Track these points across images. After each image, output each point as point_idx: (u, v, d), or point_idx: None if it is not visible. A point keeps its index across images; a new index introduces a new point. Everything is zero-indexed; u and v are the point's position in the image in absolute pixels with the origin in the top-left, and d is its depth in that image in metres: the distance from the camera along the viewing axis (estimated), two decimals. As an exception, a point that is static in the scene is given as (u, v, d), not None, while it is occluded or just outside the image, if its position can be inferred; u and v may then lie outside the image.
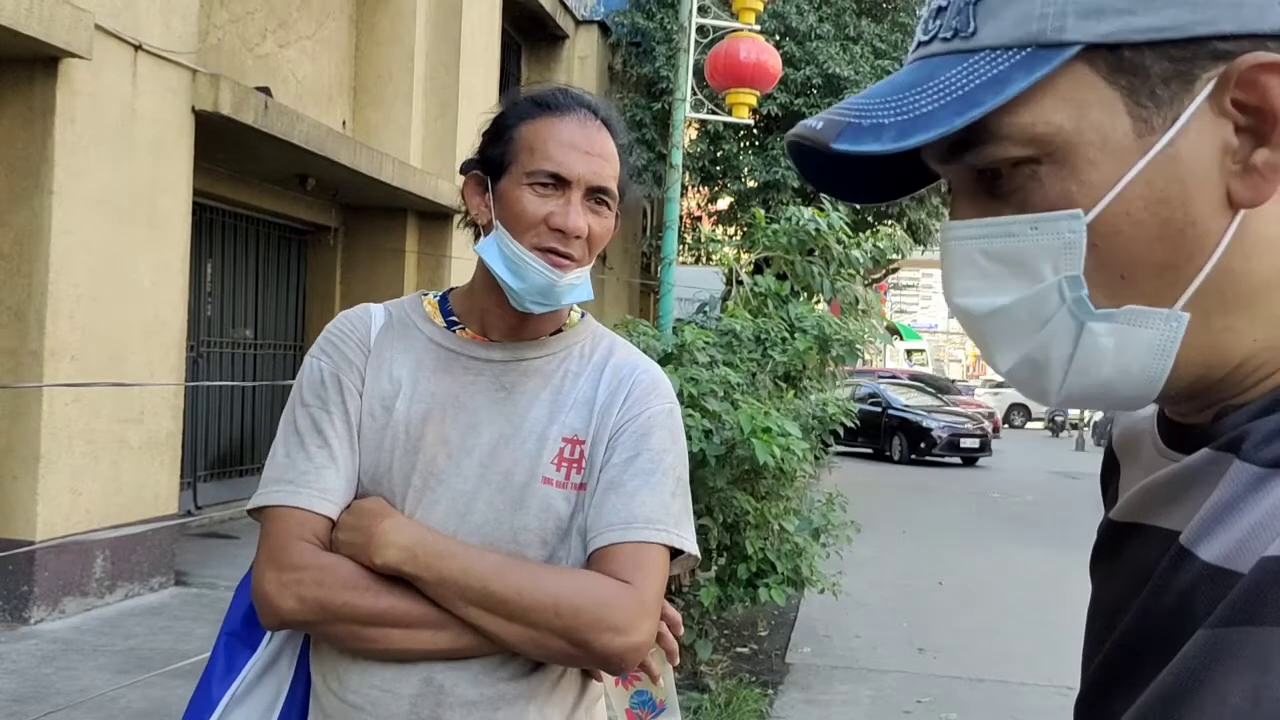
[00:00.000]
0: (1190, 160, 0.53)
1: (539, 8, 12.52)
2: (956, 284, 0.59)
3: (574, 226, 1.26)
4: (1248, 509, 0.50)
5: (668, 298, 7.14)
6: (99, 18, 5.38)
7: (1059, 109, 0.54)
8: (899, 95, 0.56)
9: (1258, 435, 0.52)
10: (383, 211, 9.41)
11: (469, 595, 1.17)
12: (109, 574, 5.80)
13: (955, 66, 0.56)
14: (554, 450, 1.27)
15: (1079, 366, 0.56)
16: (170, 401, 6.24)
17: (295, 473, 1.25)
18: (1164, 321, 0.54)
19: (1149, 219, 0.53)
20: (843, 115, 0.57)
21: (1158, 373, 0.55)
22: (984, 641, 6.10)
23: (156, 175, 6.01)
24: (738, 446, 4.44)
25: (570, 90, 1.36)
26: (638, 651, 1.20)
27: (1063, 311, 0.56)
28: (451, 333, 1.34)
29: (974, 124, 0.54)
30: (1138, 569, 0.57)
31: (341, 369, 1.30)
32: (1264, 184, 0.52)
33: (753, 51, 7.96)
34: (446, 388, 1.30)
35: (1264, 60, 0.51)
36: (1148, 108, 0.53)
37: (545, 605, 1.16)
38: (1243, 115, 0.52)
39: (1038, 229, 0.55)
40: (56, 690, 4.42)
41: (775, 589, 4.77)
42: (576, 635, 1.16)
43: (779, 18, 13.34)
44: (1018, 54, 0.54)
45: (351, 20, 9.35)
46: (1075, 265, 0.55)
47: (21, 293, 5.32)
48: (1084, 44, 0.53)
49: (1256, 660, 0.45)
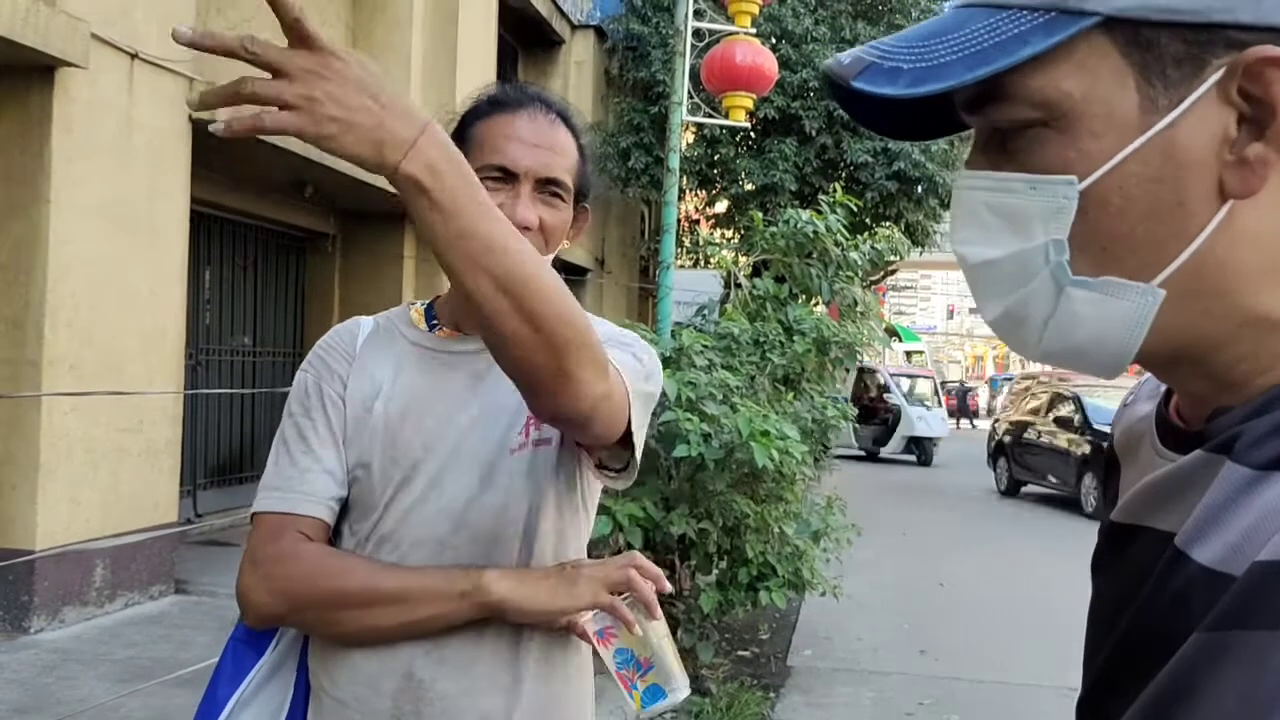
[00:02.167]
0: (1188, 144, 0.54)
1: (535, 13, 12.52)
2: (959, 231, 0.62)
3: (521, 218, 1.25)
4: (1240, 511, 0.50)
5: (666, 301, 7.13)
6: (95, 26, 5.38)
7: (1071, 76, 0.55)
8: (925, 41, 0.58)
9: (1249, 437, 0.52)
10: (381, 218, 9.41)
11: (488, 254, 0.96)
12: (109, 583, 5.79)
13: (984, 20, 0.57)
14: (521, 423, 1.29)
15: (1055, 327, 0.58)
16: (169, 410, 6.24)
17: (282, 479, 1.29)
18: (1139, 295, 0.55)
19: (1140, 195, 0.54)
20: (869, 54, 0.59)
21: (1130, 344, 0.56)
22: (985, 643, 6.09)
23: (154, 183, 6.01)
24: (736, 450, 4.44)
25: (526, 86, 1.37)
26: (593, 406, 1.08)
27: (1045, 273, 0.57)
28: (431, 333, 1.37)
29: (989, 80, 0.55)
30: (1136, 570, 0.58)
31: (323, 378, 1.34)
32: (1254, 177, 0.53)
33: (749, 55, 7.96)
34: (424, 383, 1.32)
35: (1272, 54, 0.52)
36: (1156, 87, 0.54)
37: (562, 309, 1.01)
38: (1247, 105, 0.53)
39: (1035, 190, 0.57)
40: (57, 700, 4.41)
41: (776, 592, 4.77)
42: (566, 358, 1.02)
43: (775, 21, 13.34)
44: (1042, 16, 0.55)
45: (348, 27, 9.36)
46: (1063, 230, 0.56)
47: (19, 302, 5.31)
48: (1104, 15, 0.54)
49: (1249, 663, 0.46)
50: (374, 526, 1.29)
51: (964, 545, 9.57)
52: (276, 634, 1.35)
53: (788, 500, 5.03)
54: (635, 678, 1.31)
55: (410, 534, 1.27)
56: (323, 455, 1.29)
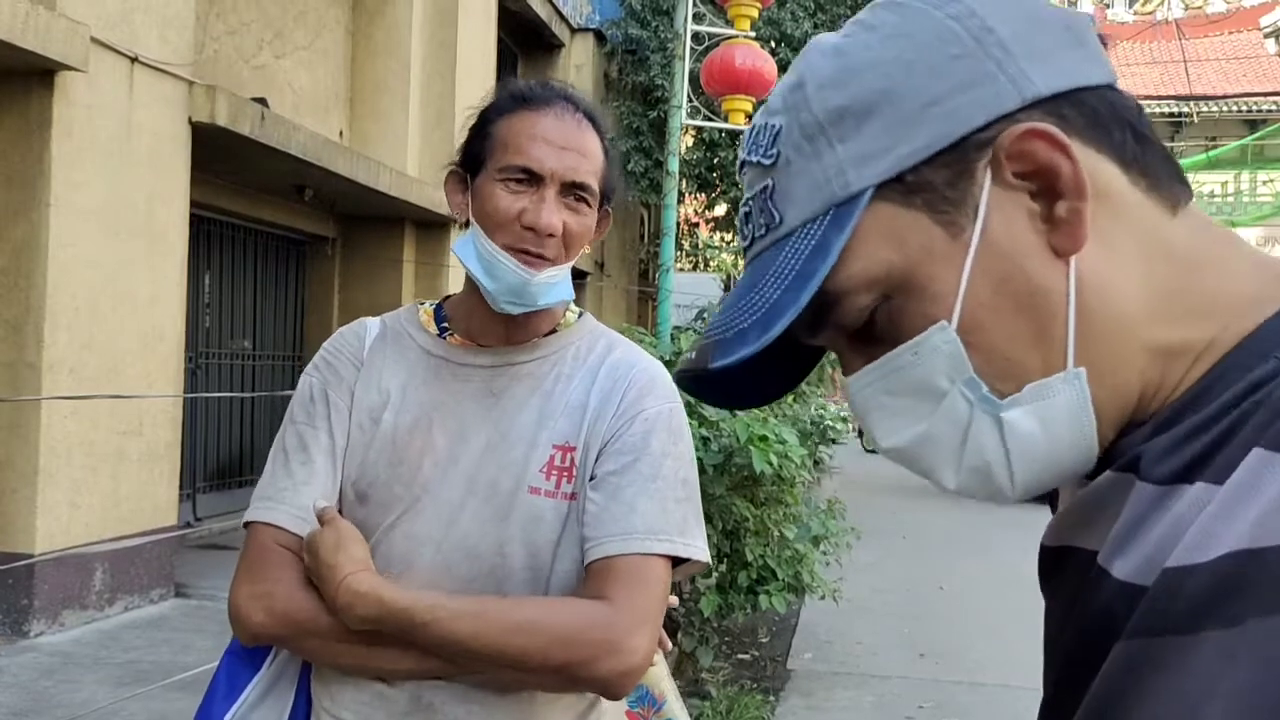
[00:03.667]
0: (1007, 238, 0.56)
1: (535, 17, 12.54)
2: (877, 430, 0.62)
3: (546, 224, 1.21)
4: (1152, 525, 0.52)
5: (665, 304, 7.14)
6: (95, 30, 5.39)
7: (881, 247, 0.57)
8: (747, 298, 0.60)
9: (1151, 455, 0.54)
10: (380, 221, 9.42)
11: (453, 655, 1.14)
12: (108, 586, 5.79)
13: (780, 253, 0.59)
14: (543, 458, 1.23)
15: (1017, 456, 0.58)
16: (169, 413, 6.24)
17: (275, 489, 1.25)
18: (1065, 383, 0.56)
19: (1001, 302, 0.56)
20: (710, 336, 0.61)
21: (1086, 432, 0.57)
22: (986, 646, 6.09)
23: (154, 187, 6.01)
24: (735, 454, 4.44)
25: (552, 83, 1.31)
26: (637, 672, 1.15)
27: (977, 413, 0.58)
28: (442, 339, 1.31)
29: (819, 292, 0.57)
30: (1071, 589, 0.59)
31: (330, 384, 1.29)
32: (1076, 230, 0.55)
33: (748, 58, 7.96)
34: (434, 396, 1.26)
35: (1018, 131, 0.55)
36: (949, 212, 0.57)
37: (535, 650, 1.12)
38: (1028, 182, 0.56)
39: (918, 353, 0.58)
40: (57, 703, 4.41)
41: (776, 596, 4.77)
42: (571, 671, 1.13)
43: (774, 24, 13.36)
44: (824, 220, 0.58)
45: (347, 31, 9.37)
46: (965, 369, 0.57)
47: (19, 306, 5.31)
48: (871, 186, 0.57)
49: (1171, 668, 0.47)
50: (375, 547, 1.22)
51: (964, 548, 9.57)
52: (273, 648, 1.29)
53: (787, 504, 5.02)
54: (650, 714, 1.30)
55: (421, 564, 1.21)
56: (320, 468, 1.25)
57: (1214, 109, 22.97)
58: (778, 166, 0.60)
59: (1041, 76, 0.57)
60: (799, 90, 0.60)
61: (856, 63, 0.59)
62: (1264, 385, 0.52)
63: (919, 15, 0.58)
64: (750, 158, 0.62)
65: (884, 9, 0.61)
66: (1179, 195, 0.59)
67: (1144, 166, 0.58)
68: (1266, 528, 0.46)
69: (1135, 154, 0.58)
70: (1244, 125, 22.95)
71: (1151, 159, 0.58)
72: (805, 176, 0.59)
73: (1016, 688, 5.31)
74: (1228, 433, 0.52)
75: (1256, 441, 0.49)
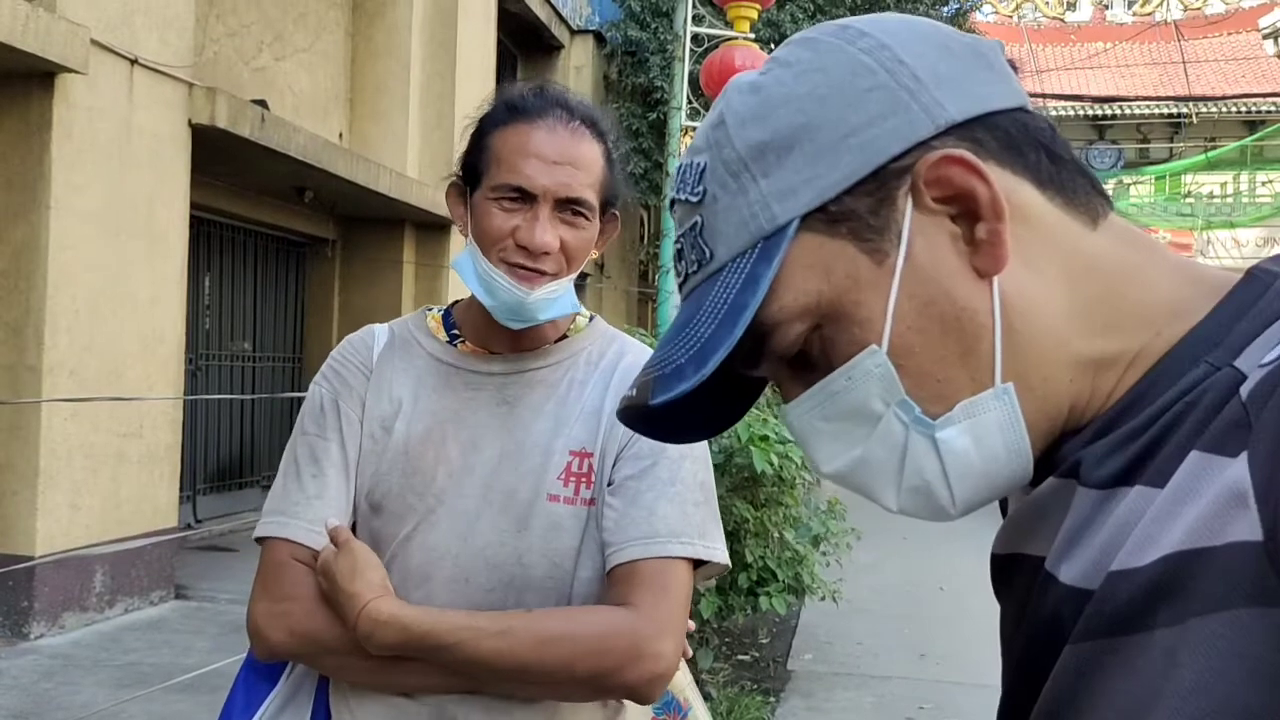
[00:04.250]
0: (930, 262, 0.58)
1: (534, 18, 12.55)
2: (817, 455, 0.63)
3: (539, 243, 1.20)
4: (1095, 530, 0.54)
5: (665, 305, 7.14)
6: (95, 32, 5.39)
7: (809, 277, 0.59)
8: (682, 334, 0.61)
9: (1090, 460, 0.55)
10: (380, 223, 9.41)
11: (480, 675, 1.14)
12: (109, 588, 5.79)
13: (713, 288, 0.60)
14: (560, 465, 1.22)
15: (955, 474, 0.59)
16: (169, 415, 6.24)
17: (288, 503, 1.23)
18: (995, 399, 0.57)
19: (928, 324, 0.58)
20: (648, 373, 0.62)
21: (1020, 445, 0.58)
22: (986, 647, 6.06)
23: (154, 189, 6.02)
24: (736, 455, 4.44)
25: (548, 90, 1.28)
26: (666, 676, 1.15)
27: (912, 434, 0.59)
28: (452, 347, 1.29)
29: (752, 324, 0.58)
30: (1021, 595, 0.60)
31: (341, 394, 1.27)
32: (996, 250, 0.57)
33: (747, 60, 7.97)
34: (447, 404, 1.25)
35: (934, 158, 0.57)
36: (873, 240, 0.58)
37: (563, 664, 1.12)
38: (948, 206, 0.57)
39: (851, 377, 0.59)
40: (57, 706, 4.41)
41: (776, 597, 4.77)
42: (599, 681, 1.13)
43: (773, 26, 13.36)
44: (752, 253, 0.59)
45: (347, 33, 9.37)
46: (897, 391, 0.58)
47: (19, 308, 5.32)
48: (796, 217, 0.58)
49: (1109, 669, 0.49)
50: (391, 559, 1.21)
51: (965, 549, 9.56)
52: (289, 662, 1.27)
53: (787, 505, 5.02)
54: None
55: (439, 575, 1.20)
56: (333, 481, 1.23)
57: (1213, 110, 22.97)
58: (705, 203, 0.61)
59: (954, 103, 0.58)
60: (720, 127, 0.61)
61: (774, 98, 0.60)
62: (1195, 388, 0.53)
63: (832, 50, 0.60)
64: (679, 195, 0.63)
65: (799, 46, 0.62)
66: (1098, 208, 0.60)
67: (1060, 184, 0.59)
68: (1205, 529, 0.47)
69: (1050, 173, 0.59)
70: (1243, 126, 22.96)
71: (1067, 176, 0.60)
72: (732, 212, 0.60)
73: (1017, 689, 5.31)
74: (1163, 435, 0.53)
75: (1193, 444, 0.50)
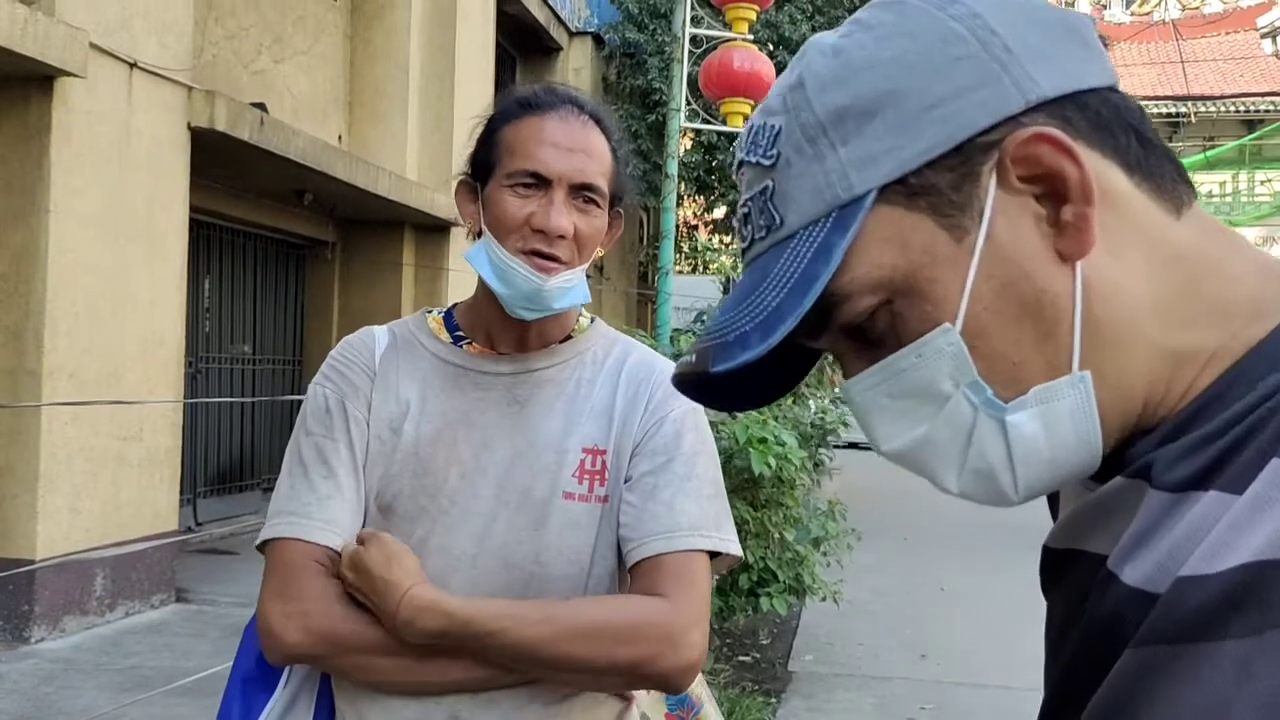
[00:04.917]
0: (1012, 241, 0.56)
1: (533, 20, 12.55)
2: (878, 433, 0.61)
3: (555, 226, 1.20)
4: (1163, 533, 0.52)
5: (665, 307, 7.14)
6: (94, 36, 5.39)
7: (884, 250, 0.57)
8: (747, 301, 0.59)
9: (1163, 462, 0.54)
10: (380, 225, 9.42)
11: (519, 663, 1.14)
12: (109, 592, 5.78)
13: (781, 256, 0.59)
14: (574, 463, 1.23)
15: (1020, 459, 0.58)
16: (169, 418, 6.24)
17: (299, 504, 1.21)
18: (1071, 387, 0.56)
19: (1006, 305, 0.56)
20: (709, 340, 0.60)
21: (1090, 435, 0.57)
22: (987, 647, 6.09)
23: (153, 192, 6.02)
24: (735, 456, 4.44)
25: (556, 87, 1.31)
26: (696, 666, 1.17)
27: (981, 417, 0.57)
28: (458, 348, 1.29)
29: (821, 295, 0.56)
30: (1076, 592, 0.59)
31: (346, 395, 1.26)
32: (1082, 234, 0.55)
33: (746, 61, 7.97)
34: (456, 405, 1.25)
35: (1024, 136, 0.55)
36: (954, 216, 0.56)
37: (604, 652, 1.13)
38: (1034, 185, 0.56)
39: (921, 355, 0.58)
40: (58, 710, 4.40)
41: (777, 598, 4.77)
42: (638, 669, 1.14)
43: (772, 27, 13.37)
44: (826, 222, 0.57)
45: (346, 35, 9.38)
46: (970, 372, 0.57)
47: (19, 312, 5.32)
48: (874, 188, 0.57)
49: (1174, 676, 0.47)
50: None
51: (966, 549, 9.57)
52: (287, 668, 1.25)
53: (787, 506, 5.03)
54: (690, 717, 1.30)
55: (457, 579, 1.19)
56: (344, 481, 1.22)
57: (1211, 109, 22.99)
58: (778, 168, 0.59)
59: (1045, 78, 0.56)
60: (799, 90, 0.59)
61: (856, 62, 0.58)
62: (1277, 393, 0.51)
63: (920, 15, 0.58)
64: (749, 158, 0.61)
65: (883, 8, 0.60)
66: (1183, 197, 0.58)
67: (1148, 169, 0.57)
68: None
69: (1139, 157, 0.57)
70: (1241, 125, 22.98)
71: (1155, 161, 0.58)
72: (807, 178, 0.58)
73: (1018, 689, 5.30)
74: (1241, 441, 0.51)
75: (1275, 451, 0.49)
